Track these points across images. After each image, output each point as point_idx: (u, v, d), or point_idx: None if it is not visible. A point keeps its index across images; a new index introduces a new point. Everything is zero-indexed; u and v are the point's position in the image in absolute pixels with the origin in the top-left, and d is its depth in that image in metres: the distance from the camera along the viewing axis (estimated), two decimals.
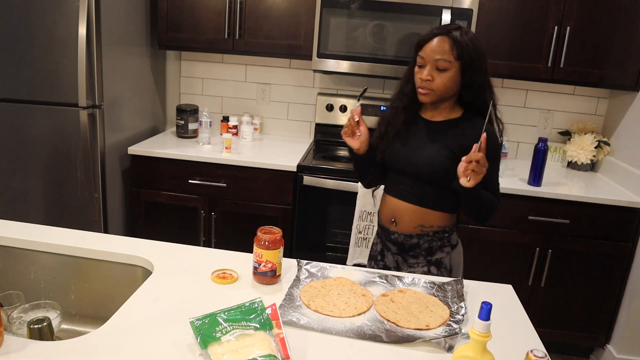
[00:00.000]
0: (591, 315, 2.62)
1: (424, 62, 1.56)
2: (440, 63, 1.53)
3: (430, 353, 1.11)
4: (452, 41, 1.52)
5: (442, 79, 1.54)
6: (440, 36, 1.53)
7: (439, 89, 1.56)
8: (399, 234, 1.68)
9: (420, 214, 1.65)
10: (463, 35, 1.53)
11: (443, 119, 1.65)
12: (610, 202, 2.44)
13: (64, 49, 2.36)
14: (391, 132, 1.68)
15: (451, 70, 1.53)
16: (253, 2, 2.72)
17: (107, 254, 1.44)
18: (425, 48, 1.55)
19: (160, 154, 2.65)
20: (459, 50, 1.51)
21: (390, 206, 1.69)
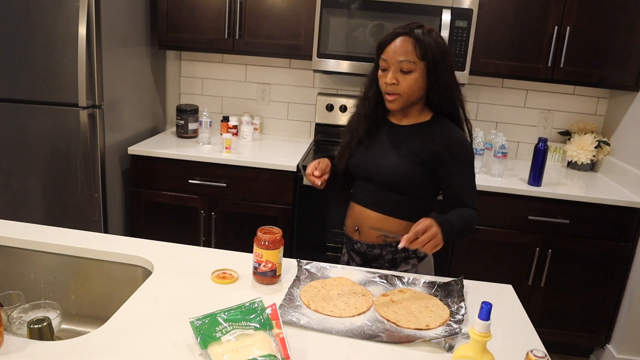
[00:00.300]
0: (591, 315, 2.62)
1: (387, 65, 1.48)
2: (404, 65, 1.46)
3: (430, 353, 1.11)
4: (414, 40, 1.45)
5: (407, 82, 1.47)
6: (402, 36, 1.46)
7: (405, 92, 1.48)
8: (361, 243, 1.61)
9: (383, 222, 1.56)
10: (426, 34, 1.46)
11: (410, 123, 1.58)
12: (610, 202, 2.44)
13: (64, 49, 2.36)
14: (354, 141, 1.61)
15: (416, 72, 1.46)
16: (253, 2, 2.72)
17: (107, 254, 1.44)
18: (387, 50, 1.48)
19: (160, 154, 2.65)
20: (423, 49, 1.44)
21: (355, 214, 1.63)
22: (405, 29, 1.47)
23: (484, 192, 2.49)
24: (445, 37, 2.50)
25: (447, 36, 2.50)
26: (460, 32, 2.52)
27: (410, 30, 1.46)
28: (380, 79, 1.52)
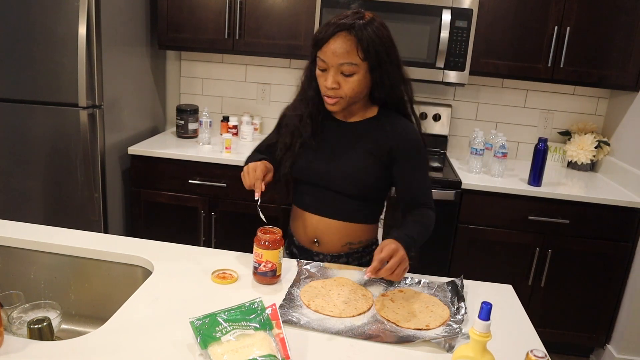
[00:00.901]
0: (591, 315, 2.62)
1: (326, 66, 1.35)
2: (345, 68, 1.33)
3: (430, 353, 1.11)
4: (355, 39, 1.30)
5: (350, 85, 1.35)
6: (341, 33, 1.31)
7: (347, 95, 1.36)
8: (324, 255, 1.52)
9: (347, 230, 1.48)
10: (367, 27, 1.31)
11: (358, 120, 1.47)
12: (610, 202, 2.44)
13: (64, 49, 2.36)
14: (297, 143, 1.47)
15: (359, 73, 1.34)
16: (253, 2, 2.72)
17: (107, 254, 1.44)
18: (326, 50, 1.33)
19: (160, 154, 2.65)
20: (365, 48, 1.31)
21: (310, 225, 1.50)
22: (344, 25, 1.31)
23: (484, 192, 2.50)
24: (445, 37, 2.51)
25: (447, 36, 2.50)
26: (460, 32, 2.52)
27: (350, 25, 1.31)
28: (319, 78, 1.39)
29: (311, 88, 1.45)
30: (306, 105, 1.47)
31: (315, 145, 1.47)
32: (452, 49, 2.54)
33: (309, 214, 1.52)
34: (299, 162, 1.48)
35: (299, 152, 1.47)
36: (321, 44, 1.34)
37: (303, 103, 1.48)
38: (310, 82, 1.45)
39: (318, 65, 1.38)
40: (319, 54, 1.36)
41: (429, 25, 2.53)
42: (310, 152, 1.48)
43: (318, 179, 1.48)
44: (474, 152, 2.67)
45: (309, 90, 1.45)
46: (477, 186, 2.49)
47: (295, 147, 1.47)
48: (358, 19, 1.33)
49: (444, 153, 3.02)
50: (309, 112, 1.46)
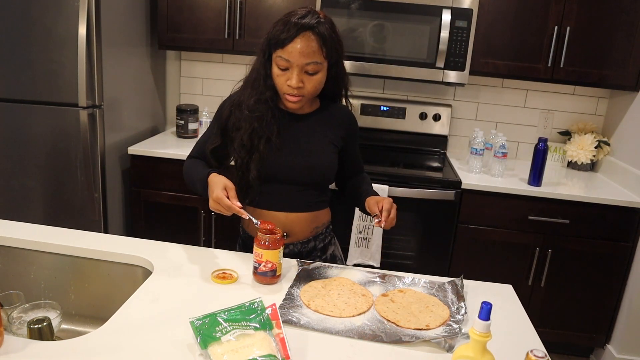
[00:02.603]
0: (591, 315, 2.62)
1: (288, 66, 1.36)
2: (310, 67, 1.36)
3: (430, 353, 1.11)
4: (319, 39, 1.34)
5: (313, 83, 1.39)
6: (305, 33, 1.33)
7: (310, 93, 1.41)
8: (294, 244, 1.54)
9: (314, 218, 1.54)
10: (326, 26, 1.36)
11: (308, 111, 1.52)
12: (610, 202, 2.44)
13: (64, 49, 2.36)
14: (260, 145, 1.44)
15: (322, 72, 1.40)
16: (253, 2, 2.72)
17: (107, 254, 1.44)
18: (290, 50, 1.34)
19: (160, 154, 2.65)
20: (328, 48, 1.36)
21: (278, 222, 1.45)
22: (308, 23, 1.33)
23: (484, 192, 2.50)
24: (445, 37, 2.51)
25: (447, 36, 2.51)
26: (460, 32, 2.52)
27: (314, 25, 1.34)
28: (279, 77, 1.40)
29: (268, 88, 1.44)
30: (266, 107, 1.44)
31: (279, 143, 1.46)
32: (452, 49, 2.54)
33: (276, 212, 1.51)
34: (266, 163, 1.46)
35: (264, 153, 1.45)
36: (284, 44, 1.34)
37: (262, 105, 1.44)
38: (265, 82, 1.44)
39: (278, 65, 1.38)
40: (280, 54, 1.36)
41: (429, 25, 2.53)
42: (274, 151, 1.46)
43: (288, 176, 1.48)
44: (474, 152, 2.67)
45: (267, 90, 1.44)
46: (477, 186, 2.49)
47: (260, 149, 1.44)
48: (317, 18, 1.36)
49: (444, 153, 3.02)
50: (271, 113, 1.45)
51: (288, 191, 1.50)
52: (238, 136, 1.47)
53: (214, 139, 1.53)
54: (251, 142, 1.45)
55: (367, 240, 2.50)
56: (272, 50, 1.40)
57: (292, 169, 1.48)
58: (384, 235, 2.49)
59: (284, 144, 1.47)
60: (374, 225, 1.41)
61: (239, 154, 1.47)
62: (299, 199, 1.51)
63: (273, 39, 1.38)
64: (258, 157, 1.45)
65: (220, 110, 1.54)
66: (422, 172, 2.68)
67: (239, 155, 1.47)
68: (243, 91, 1.49)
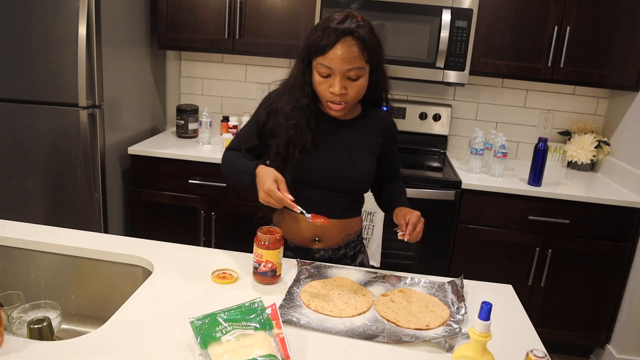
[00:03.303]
0: (591, 315, 2.62)
1: (330, 72, 1.33)
2: (352, 73, 1.33)
3: (430, 353, 1.11)
4: (360, 43, 1.31)
5: (355, 89, 1.36)
6: (346, 38, 1.30)
7: (353, 99, 1.38)
8: (325, 249, 1.54)
9: (346, 224, 1.54)
10: (365, 29, 1.32)
11: (350, 117, 1.50)
12: (610, 202, 2.44)
13: (64, 49, 2.36)
14: (295, 153, 1.42)
15: (364, 77, 1.36)
16: (253, 2, 2.72)
17: (107, 254, 1.44)
18: (331, 56, 1.31)
19: (160, 154, 2.65)
20: (369, 52, 1.33)
21: (311, 227, 1.48)
22: (346, 27, 1.30)
23: (484, 192, 2.50)
24: (445, 37, 2.51)
25: (447, 36, 2.51)
26: (460, 32, 2.52)
27: (353, 29, 1.30)
28: (321, 85, 1.37)
29: (305, 96, 1.41)
30: (302, 114, 1.41)
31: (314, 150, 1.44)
32: (452, 49, 2.54)
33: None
34: (302, 169, 1.45)
35: (299, 159, 1.43)
36: (325, 51, 1.31)
37: (298, 112, 1.41)
38: (303, 90, 1.41)
39: (320, 72, 1.36)
40: (320, 61, 1.33)
41: (429, 25, 2.53)
42: (311, 157, 1.45)
43: (324, 182, 1.47)
44: (474, 152, 2.67)
45: (303, 98, 1.41)
46: (477, 186, 2.49)
47: (295, 157, 1.42)
48: (356, 22, 1.32)
49: (444, 153, 3.02)
50: (306, 122, 1.42)
51: (323, 197, 1.48)
52: (274, 143, 1.45)
53: (251, 139, 1.52)
54: (286, 150, 1.43)
55: (367, 240, 2.50)
56: (312, 58, 1.36)
57: (328, 175, 1.46)
58: (384, 236, 2.49)
59: (322, 150, 1.46)
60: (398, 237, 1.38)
61: (274, 161, 1.45)
62: (333, 206, 1.49)
63: (312, 46, 1.34)
64: (292, 165, 1.43)
65: (259, 111, 1.52)
66: (422, 172, 2.68)
67: (274, 162, 1.45)
68: (281, 97, 1.46)
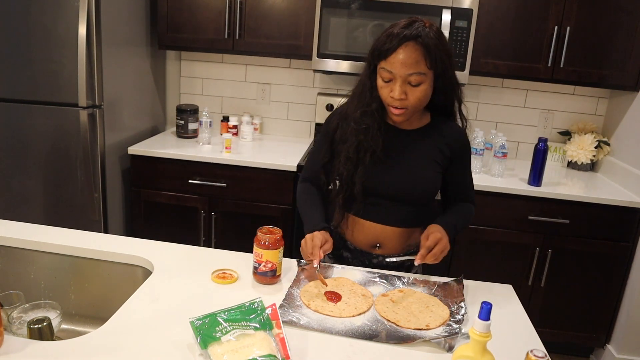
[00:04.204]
0: (591, 315, 2.62)
1: (392, 77, 1.34)
2: (413, 78, 1.32)
3: (430, 353, 1.11)
4: (423, 48, 1.30)
5: (416, 95, 1.34)
6: (408, 43, 1.30)
7: (414, 106, 1.36)
8: (383, 256, 1.54)
9: (409, 234, 1.53)
10: (430, 35, 1.31)
11: (417, 127, 1.49)
12: (610, 202, 2.44)
13: (64, 49, 2.36)
14: (366, 158, 1.44)
15: (426, 83, 1.34)
16: (253, 2, 2.72)
17: (107, 254, 1.44)
18: (393, 61, 1.31)
19: (160, 154, 2.65)
20: (432, 57, 1.31)
21: (372, 232, 1.52)
22: (409, 35, 1.30)
23: (484, 192, 2.49)
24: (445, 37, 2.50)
25: (447, 36, 2.50)
26: (460, 32, 2.52)
27: (416, 34, 1.30)
28: (383, 89, 1.38)
29: (374, 100, 1.42)
30: (372, 119, 1.42)
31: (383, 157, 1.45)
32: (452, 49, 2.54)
33: (372, 223, 1.52)
34: (370, 176, 1.46)
35: (369, 166, 1.45)
36: (387, 55, 1.32)
37: (368, 116, 1.43)
38: (371, 94, 1.42)
39: (382, 76, 1.37)
40: (383, 65, 1.34)
41: None
42: (380, 165, 1.46)
43: (389, 190, 1.47)
44: (474, 152, 2.67)
45: (372, 102, 1.42)
46: (477, 186, 2.46)
47: (366, 162, 1.44)
48: (422, 27, 1.31)
49: None
50: (377, 125, 1.43)
51: (386, 205, 1.49)
52: (344, 149, 1.47)
53: (325, 154, 1.54)
54: (357, 154, 1.44)
55: None
56: (376, 62, 1.37)
57: (391, 184, 1.47)
58: None
59: (387, 159, 1.46)
60: None
61: (345, 166, 1.46)
62: (395, 214, 1.50)
63: (376, 51, 1.36)
64: (363, 171, 1.45)
65: (328, 124, 1.54)
66: None
67: (345, 167, 1.46)
68: (350, 103, 1.48)
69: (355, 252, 1.57)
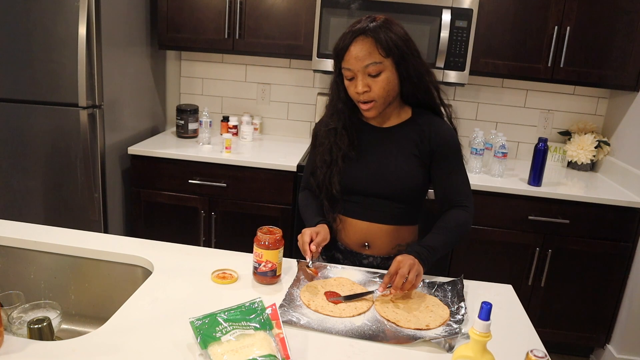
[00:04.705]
0: (591, 315, 2.62)
1: (352, 74, 1.37)
2: (370, 69, 1.34)
3: (430, 353, 1.11)
4: (372, 39, 1.33)
5: (379, 84, 1.36)
6: (358, 38, 1.34)
7: (380, 96, 1.38)
8: (374, 257, 1.54)
9: (397, 233, 1.52)
10: (381, 27, 1.34)
11: (395, 124, 1.49)
12: (610, 202, 2.44)
13: (64, 49, 2.36)
14: (338, 158, 1.48)
15: (386, 71, 1.36)
16: (253, 2, 2.72)
17: (107, 254, 1.44)
18: (348, 58, 1.36)
19: (160, 154, 2.65)
20: (383, 45, 1.33)
21: (360, 230, 1.52)
22: (359, 28, 1.35)
23: (484, 192, 2.50)
24: (445, 37, 2.51)
25: (447, 36, 2.50)
26: (460, 32, 2.52)
27: (365, 28, 1.34)
28: (349, 88, 1.41)
29: (340, 100, 1.47)
30: (338, 118, 1.49)
31: (355, 155, 1.48)
32: (452, 49, 2.54)
33: (358, 221, 1.53)
34: (346, 176, 1.49)
35: (344, 166, 1.48)
36: (342, 54, 1.37)
37: (334, 117, 1.49)
38: (338, 95, 1.47)
39: (345, 76, 1.41)
40: (342, 65, 1.39)
41: (429, 25, 2.53)
42: (354, 163, 1.49)
43: (368, 187, 1.49)
44: (474, 152, 2.67)
45: (338, 103, 1.48)
46: (477, 186, 2.49)
47: (339, 163, 1.48)
48: (370, 21, 1.36)
49: None
50: (342, 124, 1.48)
51: (370, 202, 1.50)
52: (320, 152, 1.53)
53: (313, 161, 1.59)
54: (330, 156, 1.50)
55: None
56: (339, 65, 1.41)
57: (369, 181, 1.48)
58: None
59: (364, 157, 1.49)
60: None
61: (321, 169, 1.52)
62: (380, 211, 1.50)
63: (334, 52, 1.41)
64: (338, 171, 1.48)
65: (314, 132, 1.60)
66: None
67: (321, 170, 1.52)
68: (326, 109, 1.55)
69: (345, 252, 1.57)
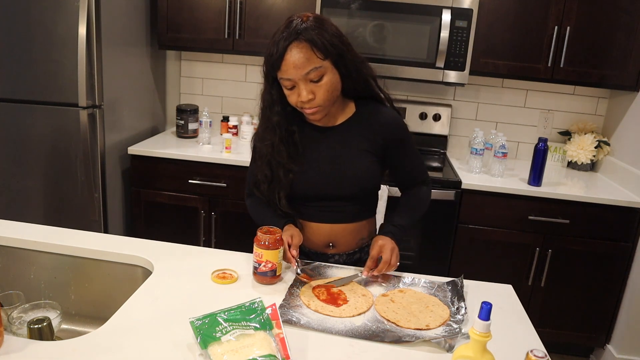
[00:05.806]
0: (591, 315, 2.62)
1: (293, 83, 1.31)
2: (312, 75, 1.29)
3: (430, 353, 1.11)
4: (307, 43, 1.27)
5: (323, 89, 1.31)
6: (292, 45, 1.27)
7: (325, 99, 1.33)
8: (339, 255, 1.54)
9: (360, 228, 1.52)
10: (310, 26, 1.28)
11: (343, 120, 1.46)
12: (610, 202, 2.44)
13: (64, 49, 2.36)
14: (280, 173, 1.43)
15: (327, 73, 1.31)
16: (253, 2, 2.72)
17: (107, 254, 1.44)
18: (285, 68, 1.28)
19: (160, 154, 2.65)
20: (320, 47, 1.27)
21: (323, 233, 1.50)
22: (289, 33, 1.28)
23: (484, 192, 2.50)
24: (445, 37, 2.51)
25: (447, 36, 2.51)
26: (460, 32, 2.52)
27: (296, 32, 1.28)
28: (290, 97, 1.35)
29: (274, 113, 1.41)
30: (274, 132, 1.41)
31: (303, 166, 1.44)
32: (452, 49, 2.54)
33: (320, 224, 1.51)
34: (299, 184, 1.45)
35: (291, 178, 1.43)
36: (279, 65, 1.30)
37: (270, 131, 1.42)
38: (272, 108, 1.41)
39: (284, 86, 1.34)
40: (280, 75, 1.32)
41: (429, 25, 2.53)
42: (307, 169, 1.44)
43: (325, 192, 1.46)
44: (474, 152, 2.67)
45: (273, 116, 1.41)
46: (477, 186, 2.49)
47: (281, 177, 1.43)
48: (299, 23, 1.30)
49: (444, 153, 3.02)
50: (278, 138, 1.41)
51: (330, 205, 1.48)
52: (259, 167, 1.47)
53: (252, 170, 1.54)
54: (271, 171, 1.45)
55: None
56: (274, 74, 1.35)
57: (328, 185, 1.45)
58: None
59: (312, 162, 1.45)
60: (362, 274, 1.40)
61: (264, 184, 1.47)
62: (342, 212, 1.49)
63: (268, 63, 1.34)
64: (283, 187, 1.44)
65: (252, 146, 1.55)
66: None
67: (264, 186, 1.47)
68: (259, 122, 1.48)
69: (310, 254, 1.55)
